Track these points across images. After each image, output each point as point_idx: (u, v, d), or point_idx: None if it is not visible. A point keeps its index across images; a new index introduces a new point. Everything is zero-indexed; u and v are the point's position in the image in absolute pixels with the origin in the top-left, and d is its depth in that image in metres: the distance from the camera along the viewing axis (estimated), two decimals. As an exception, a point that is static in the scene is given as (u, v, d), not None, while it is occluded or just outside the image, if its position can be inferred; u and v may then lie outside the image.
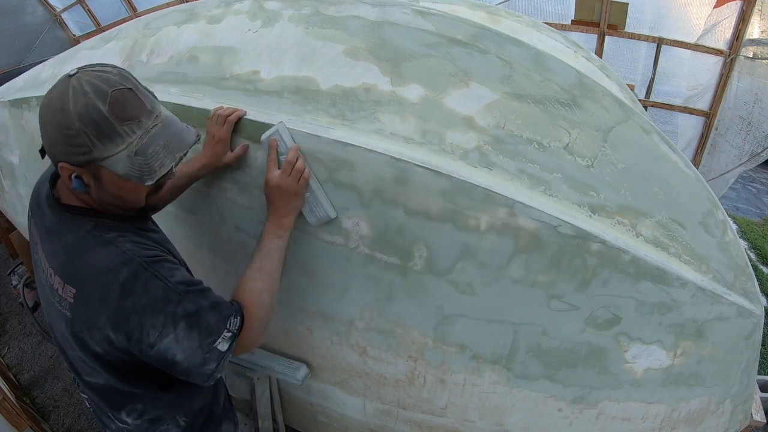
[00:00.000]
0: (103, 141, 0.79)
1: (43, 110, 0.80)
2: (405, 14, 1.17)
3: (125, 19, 4.98)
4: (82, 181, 0.84)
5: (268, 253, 1.03)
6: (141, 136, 0.82)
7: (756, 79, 3.52)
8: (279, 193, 1.04)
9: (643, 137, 1.09)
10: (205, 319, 0.88)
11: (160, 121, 0.85)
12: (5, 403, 2.21)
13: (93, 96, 0.77)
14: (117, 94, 0.79)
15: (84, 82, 0.78)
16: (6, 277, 3.68)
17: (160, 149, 0.84)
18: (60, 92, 0.78)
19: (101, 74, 0.79)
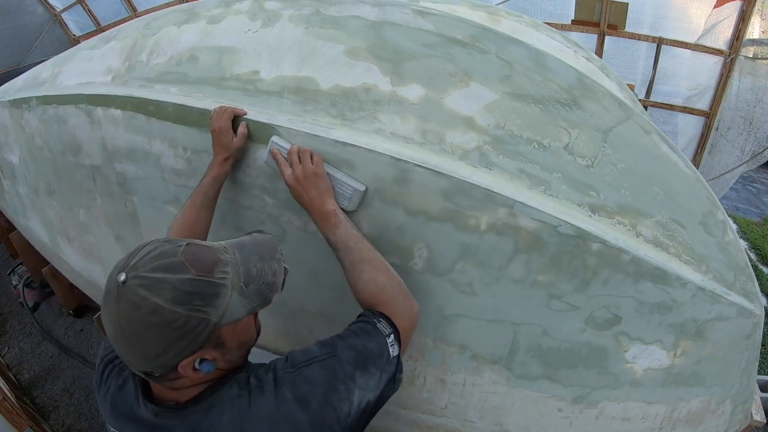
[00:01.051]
0: (212, 302, 0.70)
1: (126, 334, 0.69)
2: (405, 14, 1.17)
3: (125, 19, 4.98)
4: (208, 360, 0.74)
5: (345, 247, 0.99)
6: (235, 269, 0.74)
7: (758, 79, 3.52)
8: (301, 183, 1.02)
9: (643, 137, 1.09)
10: (367, 350, 0.84)
11: (233, 246, 0.78)
12: (5, 403, 2.21)
13: (170, 276, 0.69)
14: (185, 255, 0.71)
15: (146, 276, 0.68)
16: (6, 277, 3.68)
17: (259, 263, 0.78)
18: (131, 304, 0.68)
19: (149, 256, 0.71)
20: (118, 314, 0.69)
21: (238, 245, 0.80)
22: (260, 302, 0.78)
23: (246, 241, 0.82)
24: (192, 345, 0.71)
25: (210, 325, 0.71)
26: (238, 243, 0.81)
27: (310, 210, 1.03)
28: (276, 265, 0.81)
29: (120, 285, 0.68)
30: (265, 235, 0.87)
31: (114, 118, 1.42)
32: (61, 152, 1.68)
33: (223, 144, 1.13)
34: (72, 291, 3.00)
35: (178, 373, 0.72)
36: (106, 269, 1.91)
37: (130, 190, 1.49)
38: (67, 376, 3.01)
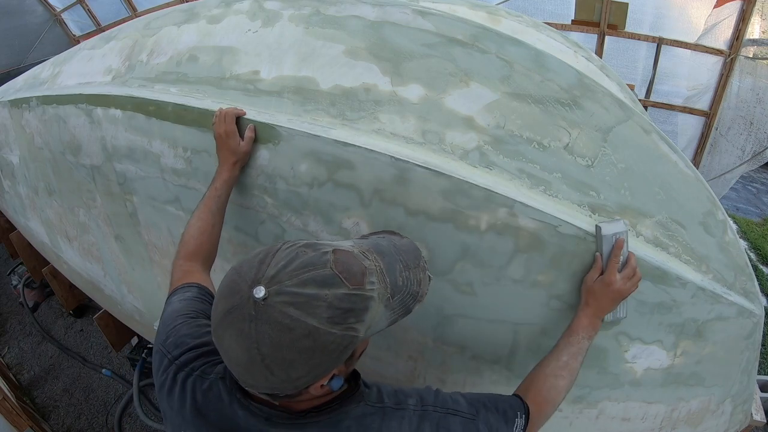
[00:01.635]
0: (362, 318, 0.62)
1: (267, 360, 0.59)
2: (405, 14, 1.17)
3: (125, 19, 4.98)
4: (337, 376, 0.68)
5: (578, 353, 0.97)
6: (380, 278, 0.67)
7: (758, 79, 3.52)
8: (613, 295, 0.99)
9: (643, 137, 1.09)
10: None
11: (373, 250, 0.70)
12: (5, 403, 2.21)
13: (324, 291, 0.60)
14: (336, 266, 0.62)
15: (295, 292, 0.59)
16: (6, 277, 3.68)
17: (405, 272, 0.71)
18: (278, 326, 0.58)
19: (293, 267, 0.61)
20: (257, 337, 0.58)
21: (377, 250, 0.71)
22: (402, 314, 0.71)
23: (384, 246, 0.73)
24: (335, 364, 0.63)
25: (356, 342, 0.63)
26: (375, 247, 0.72)
27: (591, 311, 1.00)
28: (421, 274, 0.74)
29: (258, 302, 0.58)
30: (403, 238, 0.79)
31: (114, 118, 1.42)
32: (61, 152, 1.68)
33: (231, 148, 1.12)
34: (72, 291, 3.00)
35: (306, 392, 0.65)
36: (106, 269, 1.91)
37: (129, 189, 1.49)
38: (67, 376, 3.02)
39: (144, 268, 1.67)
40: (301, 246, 0.64)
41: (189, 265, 1.03)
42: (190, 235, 1.07)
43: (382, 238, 0.77)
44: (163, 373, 0.84)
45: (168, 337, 0.87)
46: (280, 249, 0.64)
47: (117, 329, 2.51)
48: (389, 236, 0.79)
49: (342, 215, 1.11)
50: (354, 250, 0.67)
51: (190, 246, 1.06)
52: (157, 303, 1.73)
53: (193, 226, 1.08)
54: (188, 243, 1.06)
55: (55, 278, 2.87)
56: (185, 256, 1.05)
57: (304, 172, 1.11)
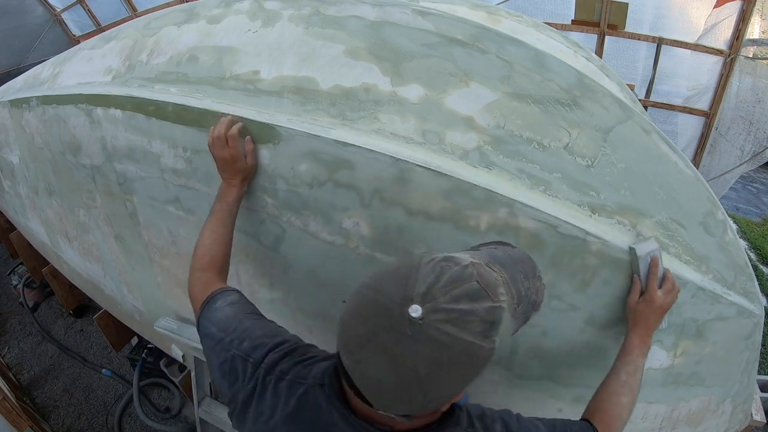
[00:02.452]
0: (500, 329, 0.62)
1: (422, 379, 0.57)
2: (405, 14, 1.17)
3: (125, 19, 4.98)
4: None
5: (635, 370, 0.99)
6: (507, 289, 0.66)
7: (758, 79, 3.52)
8: (658, 312, 1.02)
9: (643, 137, 1.09)
10: None
11: (494, 262, 0.69)
12: (5, 403, 2.21)
13: (476, 306, 0.59)
14: (480, 279, 0.61)
15: (450, 308, 0.58)
16: (6, 277, 3.68)
17: (525, 281, 0.72)
18: (436, 345, 0.56)
19: (443, 282, 0.59)
20: (413, 358, 0.57)
21: (497, 261, 0.70)
22: (522, 323, 0.72)
23: (502, 257, 0.73)
24: (476, 378, 0.62)
25: (495, 354, 0.62)
26: (495, 258, 0.71)
27: (643, 329, 1.03)
28: (538, 283, 0.75)
29: (415, 321, 0.56)
30: (515, 248, 0.80)
31: (114, 118, 1.42)
32: (61, 152, 1.68)
33: (237, 168, 1.11)
34: (72, 291, 3.00)
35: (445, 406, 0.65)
36: (106, 269, 1.91)
37: (129, 190, 1.49)
38: (67, 376, 3.02)
39: (144, 268, 1.67)
40: (441, 260, 0.63)
41: (208, 276, 1.03)
42: (205, 247, 1.06)
43: (495, 248, 0.78)
44: (250, 379, 0.82)
45: (242, 341, 0.85)
46: (421, 264, 0.62)
47: (117, 329, 2.51)
48: (502, 247, 0.79)
49: (342, 215, 1.11)
50: (482, 263, 0.66)
51: (206, 258, 1.05)
52: (157, 303, 1.73)
53: (206, 238, 1.08)
54: (203, 255, 1.06)
55: (55, 278, 2.87)
56: (201, 268, 1.04)
57: (304, 172, 1.11)
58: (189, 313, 1.63)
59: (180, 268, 1.51)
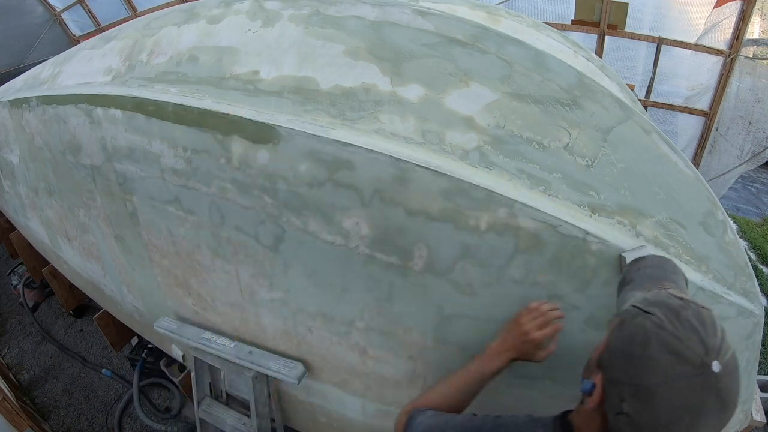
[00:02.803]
0: None
1: (696, 427, 0.63)
2: (405, 14, 1.17)
3: (125, 19, 4.98)
4: None
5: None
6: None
7: (757, 79, 3.51)
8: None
9: (643, 137, 1.09)
10: None
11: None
12: (5, 403, 2.22)
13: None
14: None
15: (731, 357, 0.65)
16: (6, 277, 3.68)
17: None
18: (728, 392, 0.63)
19: (711, 329, 0.66)
20: (700, 406, 0.63)
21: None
22: None
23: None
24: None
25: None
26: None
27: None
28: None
29: (715, 375, 0.62)
30: (667, 260, 0.90)
31: (114, 118, 1.42)
32: (61, 152, 1.68)
33: (526, 352, 1.00)
34: (72, 291, 3.00)
35: None
36: (106, 269, 1.91)
37: (129, 189, 1.49)
38: (67, 376, 3.02)
39: (144, 268, 1.67)
40: (695, 304, 0.70)
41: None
42: (438, 395, 1.00)
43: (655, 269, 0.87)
44: None
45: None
46: (695, 311, 0.68)
47: (117, 329, 2.51)
48: (659, 262, 0.89)
49: (342, 215, 1.11)
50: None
51: (431, 404, 0.98)
52: (157, 303, 1.73)
53: (445, 393, 1.00)
54: (431, 401, 0.99)
55: (55, 278, 2.87)
56: (418, 408, 0.98)
57: (304, 172, 1.11)
58: (189, 313, 1.63)
59: (180, 268, 1.51)
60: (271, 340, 1.45)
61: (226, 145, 1.19)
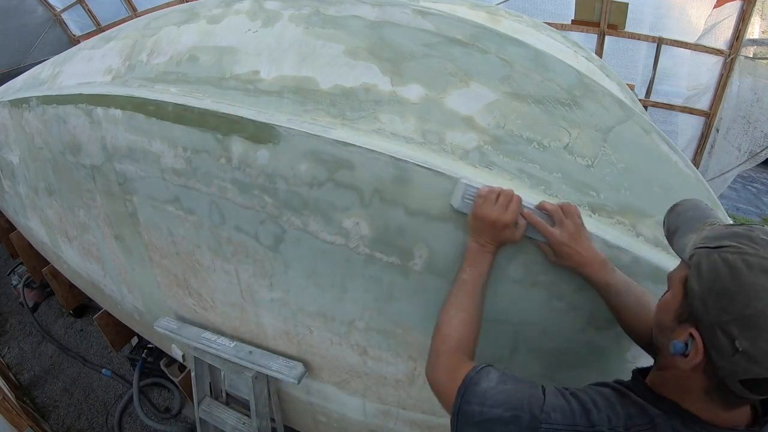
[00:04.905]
0: None
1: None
2: (405, 14, 1.17)
3: (125, 19, 4.98)
4: None
5: (626, 288, 0.97)
6: None
7: (757, 79, 3.51)
8: (575, 239, 0.96)
9: (643, 137, 1.09)
10: None
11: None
12: (5, 403, 2.22)
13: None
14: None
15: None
16: (6, 277, 3.68)
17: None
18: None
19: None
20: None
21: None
22: None
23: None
24: None
25: None
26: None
27: (586, 264, 0.97)
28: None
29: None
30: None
31: (114, 118, 1.42)
32: (61, 152, 1.68)
33: (504, 237, 0.98)
34: (72, 291, 3.00)
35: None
36: (106, 269, 1.91)
37: (129, 189, 1.49)
38: (67, 376, 3.01)
39: (144, 268, 1.67)
40: (756, 226, 0.67)
41: (456, 360, 0.90)
42: (451, 327, 0.94)
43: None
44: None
45: (548, 413, 0.75)
46: (761, 229, 0.66)
47: (117, 329, 2.51)
48: (695, 204, 0.83)
49: (342, 215, 1.11)
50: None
51: (452, 340, 0.92)
52: (157, 303, 1.73)
53: (452, 317, 0.94)
54: (449, 336, 0.93)
55: (55, 278, 2.87)
56: (448, 351, 0.92)
57: (304, 172, 1.11)
58: (189, 312, 1.63)
59: (180, 267, 1.51)
60: (271, 340, 1.45)
61: (226, 145, 1.19)
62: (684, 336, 0.68)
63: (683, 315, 0.69)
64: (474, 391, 0.81)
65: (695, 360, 0.67)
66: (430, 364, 0.93)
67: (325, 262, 1.18)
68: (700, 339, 0.66)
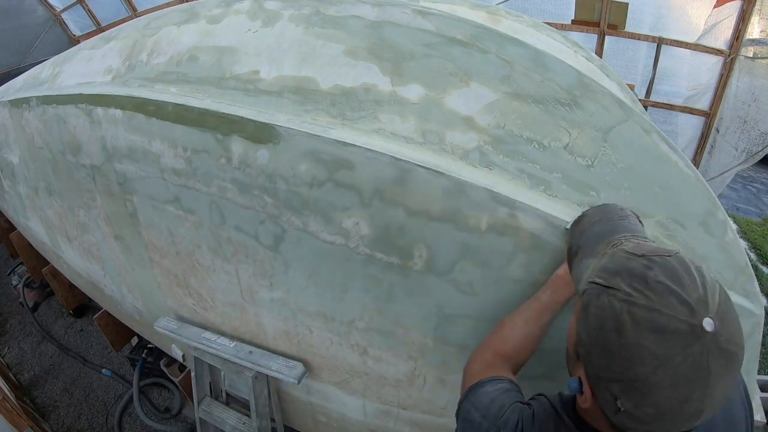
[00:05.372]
0: None
1: (714, 390, 0.56)
2: (405, 14, 1.17)
3: (125, 19, 4.97)
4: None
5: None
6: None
7: (755, 78, 3.52)
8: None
9: (643, 137, 1.09)
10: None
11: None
12: (5, 403, 2.22)
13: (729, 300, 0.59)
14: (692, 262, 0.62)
15: (731, 320, 0.57)
16: (6, 277, 3.68)
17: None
18: (727, 355, 0.55)
19: (711, 288, 0.58)
20: (708, 371, 0.54)
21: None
22: None
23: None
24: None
25: None
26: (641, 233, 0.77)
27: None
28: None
29: (712, 334, 0.54)
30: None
31: (114, 118, 1.42)
32: (61, 152, 1.68)
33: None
34: (72, 291, 3.00)
35: None
36: (106, 269, 1.91)
37: (129, 189, 1.49)
38: (67, 376, 3.02)
39: (144, 268, 1.67)
40: (659, 256, 0.61)
41: (497, 361, 0.91)
42: (514, 334, 0.93)
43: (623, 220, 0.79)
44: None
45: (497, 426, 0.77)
46: (662, 266, 0.59)
47: (117, 329, 2.51)
48: (601, 211, 0.81)
49: (342, 215, 1.10)
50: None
51: (508, 345, 0.92)
52: (157, 303, 1.73)
53: (519, 327, 0.93)
54: (507, 340, 0.93)
55: (55, 278, 2.87)
56: (497, 351, 0.92)
57: (304, 172, 1.11)
58: (189, 312, 1.63)
59: (180, 267, 1.51)
60: (271, 340, 1.45)
61: (226, 144, 1.19)
62: (579, 373, 0.66)
63: (577, 354, 0.66)
64: (476, 391, 0.84)
65: (586, 404, 0.65)
66: (477, 351, 0.94)
67: (325, 262, 1.18)
68: (588, 385, 0.63)
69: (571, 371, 0.70)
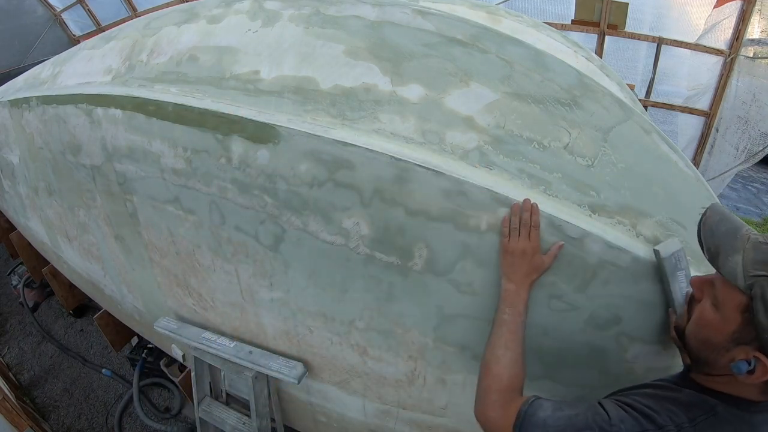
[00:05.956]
0: None
1: None
2: (405, 14, 1.17)
3: (125, 19, 4.98)
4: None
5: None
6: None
7: (754, 78, 3.52)
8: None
9: (643, 137, 1.09)
10: None
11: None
12: (5, 403, 2.22)
13: None
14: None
15: None
16: (6, 277, 3.68)
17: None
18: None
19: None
20: None
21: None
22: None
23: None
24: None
25: None
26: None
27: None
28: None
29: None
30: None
31: (114, 118, 1.42)
32: (61, 152, 1.68)
33: (535, 265, 1.00)
34: (72, 291, 3.00)
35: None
36: (106, 269, 1.91)
37: (129, 189, 1.49)
38: (67, 376, 3.02)
39: (144, 268, 1.67)
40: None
41: (507, 396, 0.92)
42: (501, 366, 0.95)
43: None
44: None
45: (615, 425, 0.77)
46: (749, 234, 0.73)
47: (117, 329, 2.51)
48: (717, 212, 0.84)
49: (342, 215, 1.11)
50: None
51: (504, 378, 0.94)
52: (157, 303, 1.73)
53: (501, 356, 0.96)
54: (500, 375, 0.94)
55: (55, 278, 2.87)
56: (500, 389, 0.93)
57: (304, 172, 1.11)
58: (189, 312, 1.63)
59: (180, 267, 1.51)
60: (271, 340, 1.45)
61: (226, 144, 1.19)
62: (744, 356, 0.72)
63: (742, 338, 0.72)
64: (532, 422, 0.83)
65: (763, 378, 0.71)
66: (481, 402, 0.93)
67: (325, 262, 1.18)
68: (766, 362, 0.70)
69: (715, 358, 0.77)
